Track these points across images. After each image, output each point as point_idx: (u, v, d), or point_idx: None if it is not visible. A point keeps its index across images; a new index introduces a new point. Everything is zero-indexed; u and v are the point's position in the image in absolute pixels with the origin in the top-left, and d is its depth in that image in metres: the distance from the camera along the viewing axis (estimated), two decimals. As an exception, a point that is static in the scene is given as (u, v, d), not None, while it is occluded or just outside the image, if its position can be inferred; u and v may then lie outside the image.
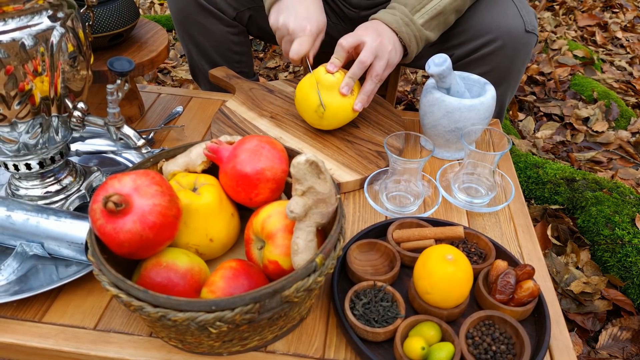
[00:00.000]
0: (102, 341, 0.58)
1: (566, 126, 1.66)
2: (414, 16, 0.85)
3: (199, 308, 0.48)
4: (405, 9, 0.85)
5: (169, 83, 1.86)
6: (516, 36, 0.92)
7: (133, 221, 0.52)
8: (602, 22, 2.35)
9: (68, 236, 0.63)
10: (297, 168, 0.53)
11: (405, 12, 0.85)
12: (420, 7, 0.85)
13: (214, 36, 1.08)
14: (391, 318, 0.58)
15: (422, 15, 0.85)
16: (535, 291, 0.59)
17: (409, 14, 0.84)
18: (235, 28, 1.09)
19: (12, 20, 0.57)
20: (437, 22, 0.87)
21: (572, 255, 1.14)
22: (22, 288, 0.62)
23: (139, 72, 0.91)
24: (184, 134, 0.95)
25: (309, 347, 0.58)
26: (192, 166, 0.66)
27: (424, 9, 0.85)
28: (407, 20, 0.84)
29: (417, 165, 0.73)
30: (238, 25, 1.09)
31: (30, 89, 0.60)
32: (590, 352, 0.97)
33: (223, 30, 1.07)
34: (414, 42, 0.86)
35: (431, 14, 0.85)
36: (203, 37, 1.08)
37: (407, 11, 0.85)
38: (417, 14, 0.85)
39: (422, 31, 0.86)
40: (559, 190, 1.26)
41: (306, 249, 0.54)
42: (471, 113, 0.81)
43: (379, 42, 0.82)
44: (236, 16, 1.07)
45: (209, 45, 1.10)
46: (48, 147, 0.69)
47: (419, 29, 0.85)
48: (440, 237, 0.67)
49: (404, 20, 0.84)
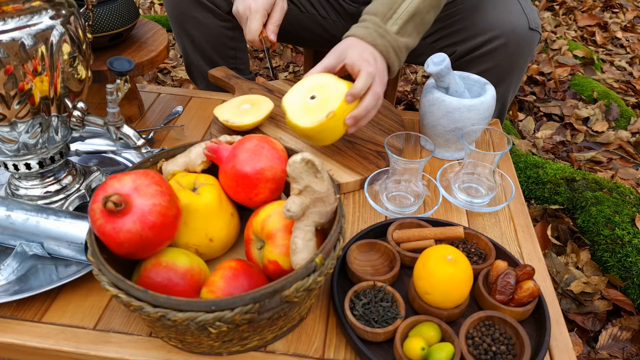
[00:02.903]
0: (102, 341, 0.58)
1: (566, 126, 1.66)
2: (386, 25, 0.79)
3: (198, 308, 0.47)
4: (377, 18, 0.79)
5: (168, 83, 1.86)
6: (520, 34, 0.92)
7: (133, 221, 0.52)
8: (602, 22, 2.35)
9: (68, 236, 0.63)
10: (292, 167, 0.53)
11: (377, 22, 0.79)
12: (391, 14, 0.79)
13: (209, 30, 1.08)
14: (391, 318, 0.57)
15: (395, 21, 0.79)
16: (535, 291, 0.59)
17: (382, 24, 0.79)
18: (230, 22, 1.09)
19: (12, 19, 0.57)
20: (413, 25, 0.81)
21: (572, 256, 1.14)
22: (21, 288, 0.62)
23: (139, 72, 0.91)
24: (184, 134, 0.95)
25: (309, 347, 0.58)
26: (191, 166, 0.66)
27: (396, 15, 0.79)
28: (382, 31, 0.79)
29: (418, 165, 0.73)
30: (232, 20, 1.08)
31: (30, 88, 0.60)
32: (590, 352, 0.97)
33: (218, 25, 1.07)
34: (392, 53, 0.80)
35: (405, 18, 0.79)
36: (198, 32, 1.08)
37: (378, 21, 0.79)
38: (390, 21, 0.79)
39: (398, 40, 0.80)
40: (559, 190, 1.26)
41: (305, 249, 0.54)
42: (471, 113, 0.81)
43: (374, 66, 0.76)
44: (230, 10, 1.07)
45: (204, 41, 1.10)
46: (48, 147, 0.68)
47: (395, 38, 0.79)
48: (440, 238, 0.67)
49: (378, 31, 0.79)
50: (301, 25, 1.13)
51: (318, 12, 1.10)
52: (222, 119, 0.87)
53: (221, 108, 0.90)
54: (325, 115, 0.73)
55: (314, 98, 0.76)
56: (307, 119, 0.74)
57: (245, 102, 0.91)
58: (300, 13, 1.11)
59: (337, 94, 0.75)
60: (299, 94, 0.77)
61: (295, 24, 1.12)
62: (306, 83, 0.77)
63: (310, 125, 0.74)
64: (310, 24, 1.12)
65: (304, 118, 0.75)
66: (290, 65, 2.00)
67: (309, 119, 0.74)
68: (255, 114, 0.88)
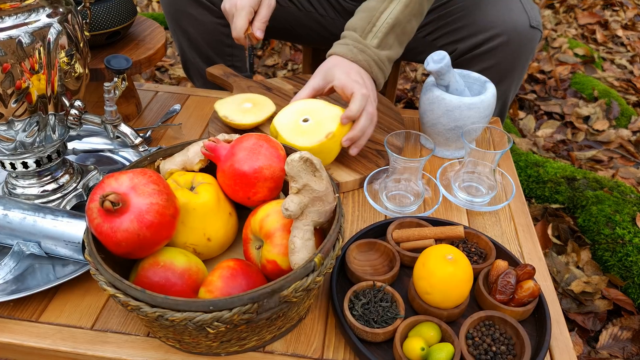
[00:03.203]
0: (99, 341, 0.58)
1: (567, 125, 1.66)
2: (366, 39, 0.79)
3: (196, 308, 0.47)
4: (356, 34, 0.80)
5: (166, 81, 1.86)
6: (521, 31, 0.92)
7: (130, 220, 0.52)
8: (603, 20, 2.35)
9: (65, 235, 0.62)
10: (291, 165, 0.53)
11: (356, 38, 0.79)
12: (370, 27, 0.79)
13: (205, 27, 1.07)
14: (390, 318, 0.57)
15: (375, 35, 0.79)
16: (535, 291, 0.59)
17: (361, 39, 0.79)
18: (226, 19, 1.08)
19: (9, 17, 0.57)
20: (394, 36, 0.81)
21: (573, 255, 1.14)
22: (19, 287, 0.62)
23: (136, 70, 0.90)
24: (182, 132, 0.95)
25: (308, 348, 0.58)
26: (189, 165, 0.65)
27: (375, 28, 0.79)
28: (361, 46, 0.79)
29: (418, 164, 0.73)
30: None
31: (27, 87, 0.60)
32: (591, 352, 0.97)
33: (213, 22, 1.07)
34: (375, 67, 0.80)
35: (384, 31, 0.79)
36: (193, 29, 1.08)
37: (357, 37, 0.79)
38: (370, 35, 0.79)
39: (379, 54, 0.80)
40: (560, 189, 1.26)
41: (303, 248, 0.53)
42: (471, 111, 0.81)
43: (364, 86, 0.76)
44: None
45: (200, 38, 1.09)
46: (45, 146, 0.68)
47: (375, 52, 0.79)
48: (440, 237, 0.66)
49: (358, 47, 0.79)
50: (299, 23, 1.12)
51: (316, 9, 1.10)
52: (222, 114, 0.87)
53: (222, 103, 0.90)
54: (324, 135, 0.74)
55: (307, 121, 0.76)
56: (304, 139, 0.74)
57: (248, 100, 0.91)
58: (298, 11, 1.10)
59: (332, 116, 0.76)
60: (290, 117, 0.77)
61: (294, 21, 1.12)
62: (295, 107, 0.78)
63: (310, 145, 0.74)
64: (309, 21, 1.12)
65: (300, 139, 0.75)
66: (289, 63, 2.00)
67: (307, 139, 0.74)
68: (257, 114, 0.88)
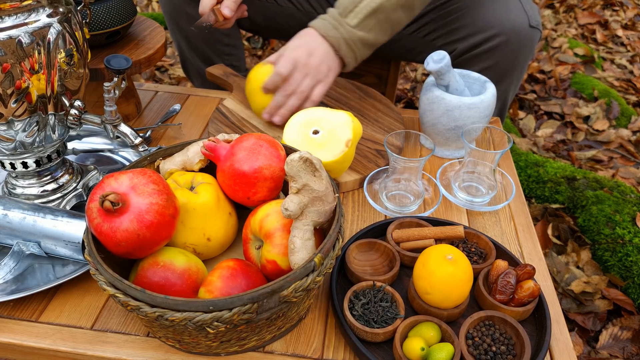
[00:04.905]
0: (99, 341, 0.58)
1: (567, 125, 1.66)
2: (346, 18, 0.80)
3: (196, 308, 0.47)
4: (336, 11, 0.81)
5: (166, 81, 1.86)
6: (520, 31, 0.92)
7: (130, 220, 0.52)
8: (603, 20, 2.34)
9: (65, 235, 0.62)
10: (290, 165, 0.53)
11: (335, 15, 0.80)
12: (353, 7, 0.80)
13: None
14: (390, 318, 0.57)
15: (356, 15, 0.79)
16: (535, 291, 0.59)
17: (338, 17, 0.80)
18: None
19: (9, 17, 0.57)
20: (375, 21, 0.81)
21: (573, 255, 1.14)
22: (18, 287, 0.62)
23: (136, 70, 0.90)
24: (181, 132, 0.95)
25: (308, 348, 0.58)
26: (189, 165, 0.65)
27: (357, 9, 0.79)
28: (336, 23, 0.80)
29: (418, 164, 0.73)
30: None
31: (27, 86, 0.60)
32: (591, 352, 0.97)
33: None
34: (344, 45, 0.81)
35: (365, 12, 0.79)
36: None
37: (336, 14, 0.80)
38: (350, 14, 0.80)
39: (354, 33, 0.80)
40: (560, 189, 1.26)
41: (303, 248, 0.53)
42: (471, 111, 0.81)
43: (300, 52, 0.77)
44: None
45: (198, 37, 1.09)
46: (45, 146, 0.68)
47: (349, 31, 0.80)
48: (440, 237, 0.66)
49: (333, 24, 0.80)
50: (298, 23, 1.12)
51: (315, 10, 1.10)
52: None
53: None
54: (345, 144, 0.72)
55: (317, 132, 0.73)
56: (324, 153, 0.72)
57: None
58: (297, 11, 1.10)
59: (342, 123, 0.73)
60: (297, 131, 0.74)
61: (292, 21, 1.12)
62: (300, 118, 0.75)
63: (333, 158, 0.71)
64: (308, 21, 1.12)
65: (320, 153, 0.72)
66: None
67: (328, 153, 0.72)
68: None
